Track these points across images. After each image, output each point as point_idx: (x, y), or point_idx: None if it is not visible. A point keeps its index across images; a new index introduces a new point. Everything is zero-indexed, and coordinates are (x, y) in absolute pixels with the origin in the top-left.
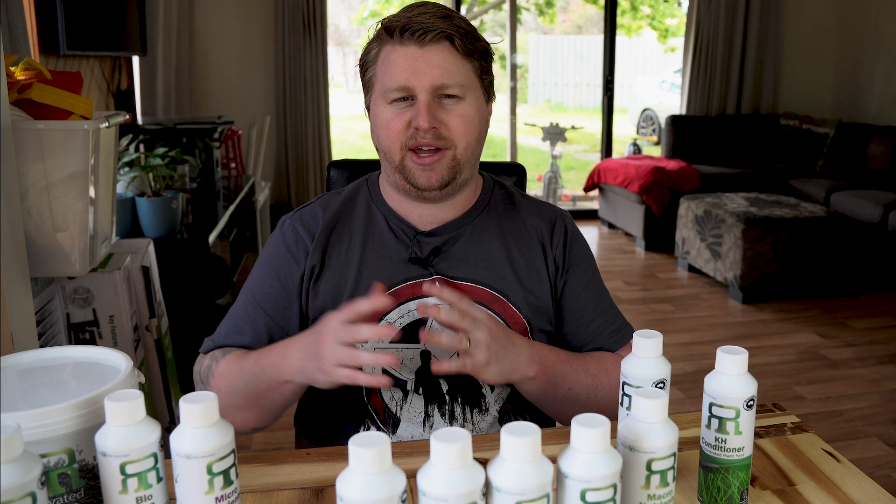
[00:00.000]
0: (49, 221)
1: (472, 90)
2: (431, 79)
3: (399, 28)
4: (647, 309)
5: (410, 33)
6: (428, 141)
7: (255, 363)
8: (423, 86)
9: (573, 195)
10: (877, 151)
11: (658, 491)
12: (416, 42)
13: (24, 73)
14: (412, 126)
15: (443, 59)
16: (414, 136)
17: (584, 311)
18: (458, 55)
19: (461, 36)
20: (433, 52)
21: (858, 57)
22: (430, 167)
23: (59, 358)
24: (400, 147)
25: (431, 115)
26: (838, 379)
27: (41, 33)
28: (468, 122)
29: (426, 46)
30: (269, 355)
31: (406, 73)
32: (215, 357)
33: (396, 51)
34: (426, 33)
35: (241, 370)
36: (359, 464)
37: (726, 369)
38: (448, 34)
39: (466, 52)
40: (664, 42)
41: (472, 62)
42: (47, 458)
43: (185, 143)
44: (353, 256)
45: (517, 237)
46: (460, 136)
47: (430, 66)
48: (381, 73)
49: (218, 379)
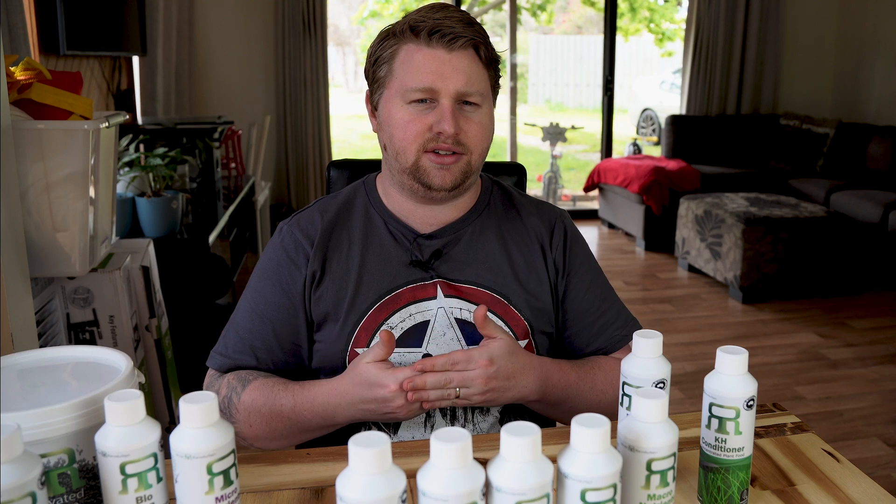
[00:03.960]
0: (49, 221)
1: (487, 99)
2: (457, 84)
3: (427, 29)
4: (647, 309)
5: (440, 36)
6: (449, 146)
7: (293, 411)
8: (449, 91)
9: (573, 195)
10: (877, 151)
11: (658, 491)
12: (445, 46)
13: (24, 73)
14: (434, 130)
15: (468, 65)
16: (434, 140)
17: (588, 313)
18: (480, 64)
19: (485, 45)
20: (460, 58)
21: (858, 57)
22: (447, 167)
23: (59, 358)
24: (417, 149)
25: (456, 121)
26: (838, 379)
27: (41, 33)
28: (485, 131)
29: (454, 52)
30: (313, 407)
31: (432, 75)
32: (233, 387)
33: (422, 51)
34: (456, 39)
35: (279, 415)
36: (359, 464)
37: (726, 369)
38: (475, 42)
39: (487, 62)
40: (661, 46)
41: (489, 71)
42: (47, 458)
43: (185, 143)
44: (353, 261)
45: (517, 238)
46: (477, 144)
47: (457, 72)
48: (402, 71)
49: (247, 416)
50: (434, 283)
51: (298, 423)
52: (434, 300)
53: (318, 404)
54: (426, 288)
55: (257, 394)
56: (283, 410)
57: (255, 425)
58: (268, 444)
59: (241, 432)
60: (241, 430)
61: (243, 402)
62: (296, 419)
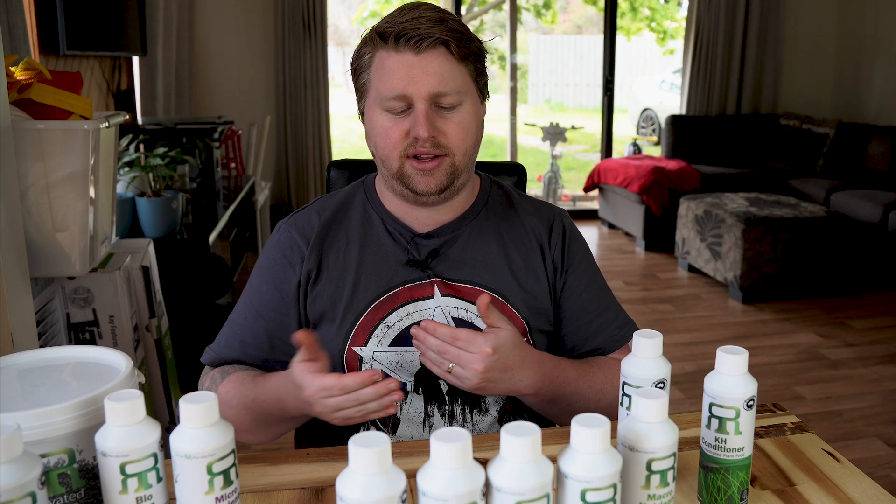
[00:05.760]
0: (49, 221)
1: (469, 95)
2: (429, 87)
3: (394, 34)
4: (647, 309)
5: (406, 39)
6: (427, 150)
7: (254, 401)
8: (421, 94)
9: (573, 195)
10: (877, 151)
11: (658, 491)
12: (412, 49)
13: (24, 73)
14: (411, 135)
15: (439, 65)
16: (413, 145)
17: (585, 312)
18: (453, 60)
19: (456, 41)
20: (429, 59)
21: (858, 57)
22: (430, 172)
23: (59, 358)
24: (398, 155)
25: (430, 124)
26: (838, 379)
27: (41, 33)
28: (466, 130)
29: (422, 53)
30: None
31: (403, 81)
32: (214, 380)
33: (391, 57)
34: (422, 40)
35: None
36: (359, 464)
37: (726, 369)
38: (444, 40)
39: (462, 57)
40: (663, 45)
41: (467, 66)
42: (47, 458)
43: (185, 143)
44: (351, 260)
45: (515, 238)
46: (458, 144)
47: (427, 74)
48: (377, 79)
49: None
50: (431, 282)
51: (260, 413)
52: (431, 299)
53: (272, 395)
54: (423, 287)
55: (230, 386)
56: (247, 402)
57: (229, 417)
58: (244, 437)
59: None
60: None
61: (219, 394)
62: (257, 410)
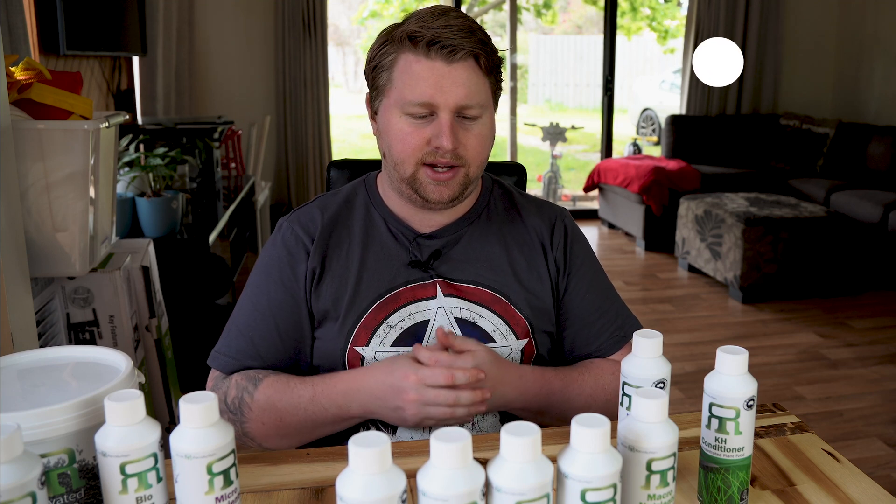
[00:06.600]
0: (49, 221)
1: (488, 108)
2: (457, 98)
3: (427, 40)
4: (647, 309)
5: (440, 48)
6: (447, 160)
7: (311, 401)
8: (448, 104)
9: (573, 195)
10: (877, 151)
11: (658, 491)
12: (443, 58)
13: (24, 73)
14: (432, 144)
15: (468, 77)
16: (432, 154)
17: (589, 312)
18: (480, 74)
19: (486, 54)
20: (459, 71)
21: (858, 57)
22: (444, 183)
23: (59, 358)
24: (415, 162)
25: (454, 136)
26: (838, 379)
27: (41, 33)
28: (484, 142)
29: (453, 64)
30: (332, 395)
31: (431, 89)
32: (243, 388)
33: (421, 63)
34: (455, 51)
35: (296, 407)
36: (359, 464)
37: (726, 369)
38: (475, 53)
39: (487, 71)
40: (664, 43)
41: (489, 79)
42: (47, 458)
43: (185, 143)
44: (353, 259)
45: (517, 238)
46: (475, 156)
47: (456, 85)
48: (401, 82)
49: (260, 413)
50: (433, 282)
51: (313, 414)
52: (434, 300)
53: (339, 390)
54: (426, 287)
55: (272, 390)
56: (300, 402)
57: (268, 422)
58: (276, 443)
59: (250, 431)
60: (252, 430)
61: (257, 400)
62: (312, 410)
